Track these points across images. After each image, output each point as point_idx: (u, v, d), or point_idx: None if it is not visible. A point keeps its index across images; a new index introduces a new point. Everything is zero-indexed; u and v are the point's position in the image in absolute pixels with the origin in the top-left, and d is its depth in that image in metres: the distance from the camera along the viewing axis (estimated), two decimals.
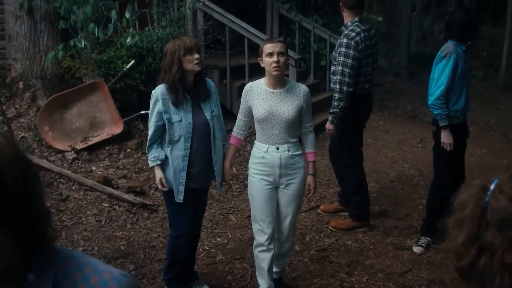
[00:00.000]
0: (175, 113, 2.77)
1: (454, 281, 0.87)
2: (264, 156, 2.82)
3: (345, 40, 3.70)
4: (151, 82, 5.12)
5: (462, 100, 3.52)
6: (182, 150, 2.79)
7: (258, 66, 2.91)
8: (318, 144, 5.87)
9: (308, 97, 2.86)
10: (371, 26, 4.77)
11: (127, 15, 5.36)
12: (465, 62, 3.51)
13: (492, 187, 0.83)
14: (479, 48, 12.28)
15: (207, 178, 2.96)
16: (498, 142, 6.91)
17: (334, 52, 3.88)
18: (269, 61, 2.73)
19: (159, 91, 2.79)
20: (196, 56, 2.74)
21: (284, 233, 2.97)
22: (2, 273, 0.84)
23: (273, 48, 2.72)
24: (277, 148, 2.81)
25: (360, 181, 4.03)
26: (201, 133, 2.82)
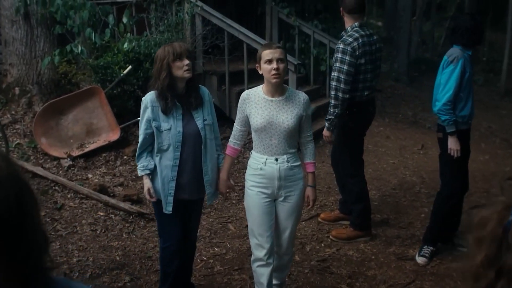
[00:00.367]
0: (164, 121, 2.68)
1: None
2: (263, 167, 2.71)
3: (341, 45, 3.63)
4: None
5: (469, 106, 3.46)
6: (171, 159, 2.69)
7: (257, 72, 2.82)
8: (318, 151, 5.80)
9: (308, 105, 2.76)
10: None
11: (125, 20, 5.30)
12: (471, 68, 3.45)
13: None
14: (479, 53, 12.25)
15: (198, 189, 2.82)
16: (500, 148, 6.84)
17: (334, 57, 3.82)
18: (268, 68, 2.62)
19: (149, 98, 2.70)
20: (186, 62, 2.63)
21: (283, 246, 2.87)
22: None
23: (272, 54, 2.61)
24: (276, 159, 2.70)
25: (361, 190, 3.95)
26: (191, 142, 2.70)
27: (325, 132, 3.82)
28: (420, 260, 3.62)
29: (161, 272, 2.95)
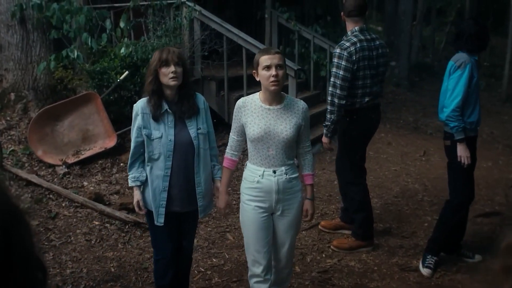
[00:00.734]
0: (155, 129, 2.57)
1: None
2: (260, 180, 2.55)
3: (338, 50, 3.54)
4: None
5: (476, 112, 3.37)
6: (162, 169, 2.57)
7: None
8: (318, 158, 5.70)
9: (306, 114, 2.61)
10: None
11: (122, 24, 5.22)
12: (477, 72, 3.37)
13: None
14: (480, 58, 12.17)
15: (190, 201, 2.67)
16: (503, 154, 6.74)
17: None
18: (266, 75, 2.46)
19: (140, 105, 2.60)
20: (172, 69, 2.50)
21: (282, 261, 2.73)
22: None
23: (270, 60, 2.46)
24: (274, 171, 2.54)
25: (363, 198, 3.85)
26: (183, 152, 2.58)
27: (324, 139, 3.76)
28: (425, 271, 3.51)
29: (156, 285, 2.85)
